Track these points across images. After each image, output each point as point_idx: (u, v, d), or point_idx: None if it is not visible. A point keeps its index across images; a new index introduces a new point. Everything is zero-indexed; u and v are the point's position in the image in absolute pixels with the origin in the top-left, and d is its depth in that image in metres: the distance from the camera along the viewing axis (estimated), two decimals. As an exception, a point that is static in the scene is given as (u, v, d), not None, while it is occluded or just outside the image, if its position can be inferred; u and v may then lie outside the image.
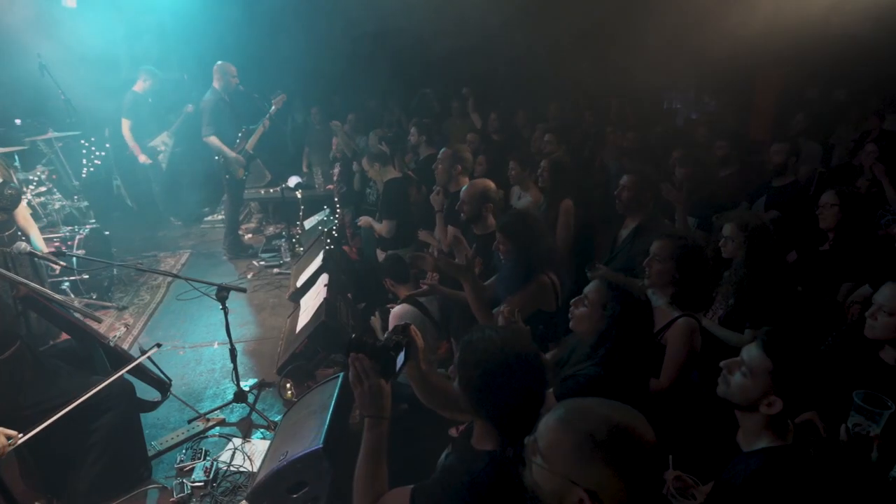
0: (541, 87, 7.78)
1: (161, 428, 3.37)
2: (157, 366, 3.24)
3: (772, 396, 1.56)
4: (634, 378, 2.03)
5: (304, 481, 2.64)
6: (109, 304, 4.95)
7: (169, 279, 5.36)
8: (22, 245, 3.27)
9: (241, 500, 2.83)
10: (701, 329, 2.47)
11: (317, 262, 4.72)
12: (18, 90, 5.83)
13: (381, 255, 4.64)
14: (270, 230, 7.02)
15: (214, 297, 3.32)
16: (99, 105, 6.27)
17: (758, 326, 2.75)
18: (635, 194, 3.38)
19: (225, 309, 3.35)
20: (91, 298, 4.84)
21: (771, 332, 1.63)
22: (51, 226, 4.95)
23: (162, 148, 6.87)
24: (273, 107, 5.95)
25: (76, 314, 3.10)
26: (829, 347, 2.35)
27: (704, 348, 2.45)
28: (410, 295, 3.45)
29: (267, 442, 3.15)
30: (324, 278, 4.29)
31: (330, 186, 6.74)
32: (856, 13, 5.89)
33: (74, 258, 4.52)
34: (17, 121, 5.83)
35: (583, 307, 2.16)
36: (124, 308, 4.96)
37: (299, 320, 4.16)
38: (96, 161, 6.37)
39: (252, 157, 6.09)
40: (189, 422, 3.43)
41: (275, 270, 5.79)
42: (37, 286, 2.94)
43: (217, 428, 3.41)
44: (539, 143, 5.25)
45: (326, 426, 2.65)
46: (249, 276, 5.68)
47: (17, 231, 3.77)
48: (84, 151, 6.23)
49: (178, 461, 3.09)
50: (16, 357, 2.63)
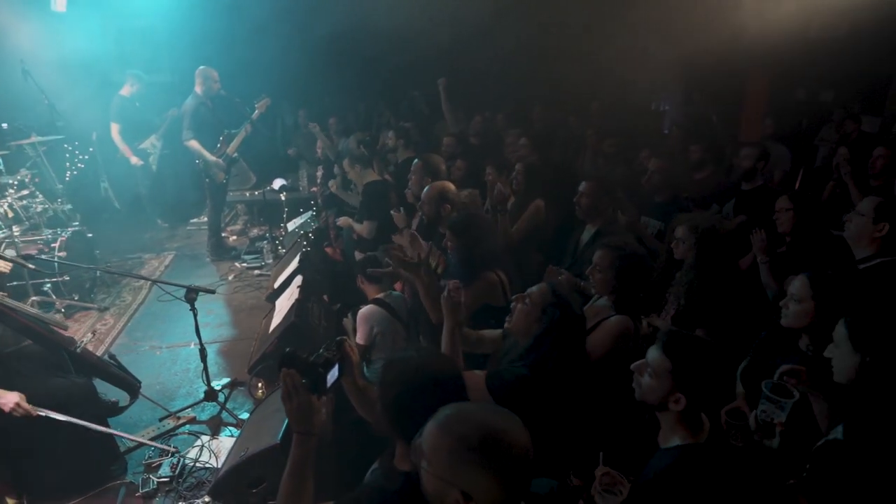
0: (529, 89, 7.79)
1: (133, 426, 3.44)
2: (126, 369, 3.33)
3: (676, 394, 1.64)
4: (559, 383, 2.09)
5: (263, 476, 2.73)
6: (91, 305, 5.04)
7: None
8: None
9: (205, 495, 2.91)
10: (638, 335, 2.54)
11: (294, 264, 4.79)
12: (2, 94, 5.89)
13: (360, 257, 4.70)
14: (255, 232, 7.10)
15: (184, 299, 3.40)
16: (86, 109, 6.36)
17: (707, 326, 2.84)
18: (593, 200, 3.46)
19: (194, 310, 3.42)
20: (73, 300, 4.93)
21: (670, 333, 1.71)
22: (33, 228, 5.00)
23: (151, 150, 6.96)
24: (256, 111, 6.01)
25: (38, 320, 3.15)
26: (762, 341, 2.43)
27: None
28: (377, 298, 3.52)
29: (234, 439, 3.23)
30: (298, 279, 4.36)
31: (314, 188, 6.83)
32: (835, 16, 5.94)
33: (55, 262, 4.60)
34: (4, 125, 5.90)
35: (523, 304, 2.24)
36: (106, 309, 5.04)
37: (273, 321, 4.23)
38: (79, 164, 6.43)
39: (233, 161, 6.14)
40: (160, 420, 3.51)
41: (256, 272, 5.85)
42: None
43: (187, 426, 3.50)
44: (514, 148, 5.23)
45: (286, 423, 2.73)
46: (230, 278, 5.75)
47: None
48: (67, 155, 6.30)
49: (147, 458, 3.18)
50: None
